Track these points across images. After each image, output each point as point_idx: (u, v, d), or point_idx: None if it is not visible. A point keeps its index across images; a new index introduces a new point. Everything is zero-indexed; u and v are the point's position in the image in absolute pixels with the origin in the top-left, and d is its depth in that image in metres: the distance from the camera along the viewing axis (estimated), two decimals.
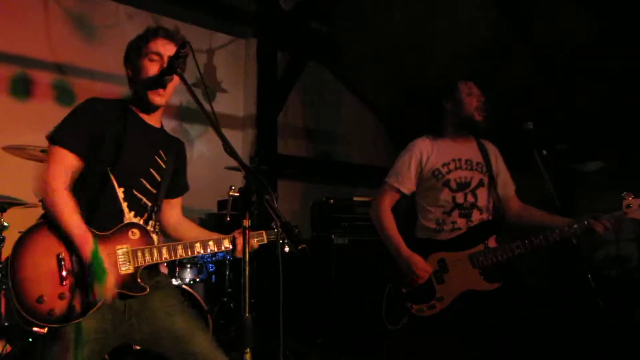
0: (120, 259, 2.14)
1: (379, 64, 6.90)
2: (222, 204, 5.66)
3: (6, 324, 4.05)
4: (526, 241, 2.89)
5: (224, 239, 2.35)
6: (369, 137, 7.91)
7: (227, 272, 4.76)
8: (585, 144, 6.15)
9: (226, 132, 1.92)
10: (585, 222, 2.86)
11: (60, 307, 2.00)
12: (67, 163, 2.13)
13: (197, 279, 4.53)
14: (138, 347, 3.09)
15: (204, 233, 2.48)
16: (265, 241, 2.47)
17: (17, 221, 4.15)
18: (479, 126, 3.09)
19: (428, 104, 3.26)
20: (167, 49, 2.26)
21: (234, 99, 6.55)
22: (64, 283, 2.03)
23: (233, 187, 1.84)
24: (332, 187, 7.02)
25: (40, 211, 4.04)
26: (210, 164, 5.68)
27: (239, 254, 2.31)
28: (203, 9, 5.97)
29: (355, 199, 5.86)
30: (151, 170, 2.31)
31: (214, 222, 5.41)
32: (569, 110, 6.07)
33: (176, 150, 2.51)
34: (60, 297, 2.01)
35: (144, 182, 2.28)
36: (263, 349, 2.44)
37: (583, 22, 5.20)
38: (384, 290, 3.08)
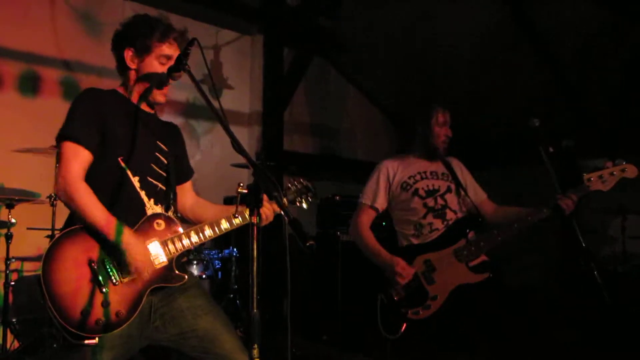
0: (152, 253, 2.14)
1: (384, 59, 6.89)
2: (228, 201, 5.67)
3: (14, 319, 4.08)
4: (505, 228, 2.99)
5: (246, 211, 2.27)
6: (374, 133, 7.91)
7: (233, 269, 4.78)
8: (591, 140, 6.13)
9: (232, 129, 1.92)
10: (553, 202, 2.97)
11: (106, 314, 1.99)
12: (80, 157, 2.10)
13: (204, 276, 4.55)
14: None
15: (222, 209, 2.45)
16: (286, 204, 2.56)
17: (25, 217, 4.20)
18: (439, 156, 3.24)
19: (404, 124, 3.48)
20: (176, 51, 2.28)
21: (240, 96, 6.56)
22: (104, 290, 2.02)
23: (241, 184, 1.84)
24: (338, 183, 7.02)
25: (48, 207, 4.10)
26: (217, 160, 5.69)
27: (264, 222, 2.31)
28: (209, 6, 5.97)
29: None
30: (157, 154, 2.30)
31: None
32: (575, 106, 6.05)
33: (174, 134, 2.51)
34: (103, 304, 2.00)
35: (155, 167, 2.27)
36: (269, 345, 2.45)
37: (588, 18, 5.17)
38: (376, 303, 3.12)
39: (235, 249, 4.79)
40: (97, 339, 1.97)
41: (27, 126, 4.72)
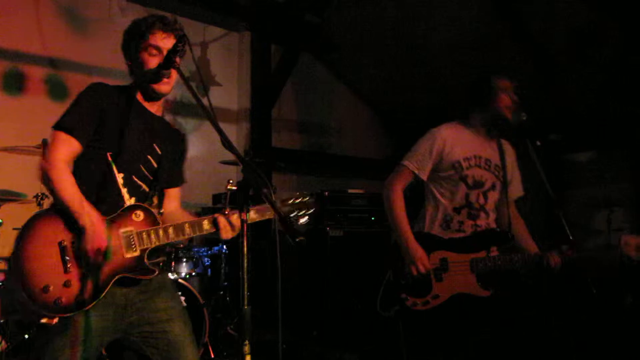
0: (124, 242, 2.12)
1: (372, 56, 6.90)
2: (216, 198, 5.66)
3: (1, 320, 4.05)
4: (526, 256, 2.95)
5: (228, 214, 2.26)
6: (362, 130, 7.93)
7: (223, 266, 4.77)
8: (577, 135, 6.19)
9: (220, 126, 1.92)
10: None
11: (66, 295, 1.99)
12: (69, 145, 2.11)
13: (193, 273, 4.54)
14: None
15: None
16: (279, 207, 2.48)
17: (12, 217, 4.15)
18: (506, 126, 3.05)
19: (469, 87, 3.20)
20: (166, 43, 2.23)
21: (228, 93, 6.55)
22: (69, 271, 2.01)
23: (231, 181, 1.84)
24: (327, 179, 7.04)
25: (35, 207, 4.06)
26: (205, 158, 5.67)
27: (228, 234, 2.25)
28: (197, 2, 5.95)
29: (349, 191, 5.88)
30: (148, 156, 2.29)
31: None
32: (562, 101, 6.10)
33: (175, 140, 2.48)
34: (66, 284, 1.99)
35: (143, 168, 2.26)
36: (259, 341, 2.45)
37: (575, 13, 5.21)
38: (384, 275, 3.06)
39: (224, 246, 4.79)
40: (56, 319, 1.97)
41: (12, 125, 4.68)
